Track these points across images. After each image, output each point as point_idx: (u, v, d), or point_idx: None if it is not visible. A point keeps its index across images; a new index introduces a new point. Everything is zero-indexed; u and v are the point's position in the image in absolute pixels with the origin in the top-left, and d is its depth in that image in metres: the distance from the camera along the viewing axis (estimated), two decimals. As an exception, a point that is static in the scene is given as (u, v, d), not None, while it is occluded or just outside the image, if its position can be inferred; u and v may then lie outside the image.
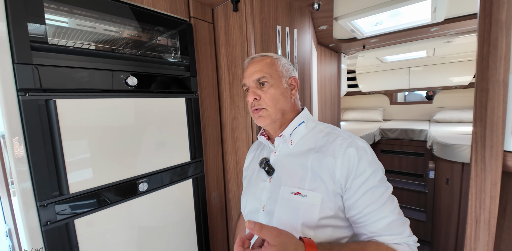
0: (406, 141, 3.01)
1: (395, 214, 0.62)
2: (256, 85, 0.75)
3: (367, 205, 0.62)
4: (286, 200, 0.69)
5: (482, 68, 0.51)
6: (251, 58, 0.81)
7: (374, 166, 0.65)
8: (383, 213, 0.62)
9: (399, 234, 0.61)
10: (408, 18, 1.71)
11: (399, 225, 0.62)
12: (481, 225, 0.56)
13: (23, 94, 0.66)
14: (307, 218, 0.64)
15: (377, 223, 0.62)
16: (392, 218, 0.62)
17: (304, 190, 0.67)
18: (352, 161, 0.64)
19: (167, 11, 1.02)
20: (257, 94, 0.74)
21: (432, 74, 3.33)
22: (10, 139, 0.65)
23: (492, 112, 0.51)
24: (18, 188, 0.67)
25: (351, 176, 0.63)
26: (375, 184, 0.63)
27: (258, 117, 0.76)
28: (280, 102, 0.75)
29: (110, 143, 0.85)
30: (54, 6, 0.75)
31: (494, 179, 0.53)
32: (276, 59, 0.79)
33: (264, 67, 0.75)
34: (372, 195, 0.62)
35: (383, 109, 4.18)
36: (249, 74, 0.77)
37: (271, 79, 0.74)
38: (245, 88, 0.79)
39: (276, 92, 0.74)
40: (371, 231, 0.63)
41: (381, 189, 0.63)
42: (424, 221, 2.41)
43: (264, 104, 0.74)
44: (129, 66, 0.90)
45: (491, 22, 0.48)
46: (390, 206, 0.63)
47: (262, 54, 0.81)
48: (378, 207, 0.62)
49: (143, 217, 0.97)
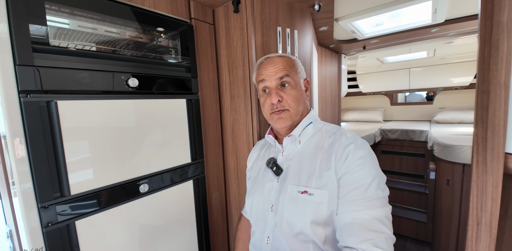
0: (407, 142, 3.01)
1: (380, 215, 0.58)
2: (277, 86, 0.74)
3: (354, 199, 0.61)
4: (294, 199, 0.69)
5: (483, 70, 0.51)
6: (267, 57, 0.80)
7: (370, 168, 0.64)
8: (365, 206, 0.59)
9: (371, 239, 0.55)
10: (408, 19, 1.71)
11: (375, 230, 0.56)
12: (483, 227, 0.56)
13: (25, 96, 0.67)
14: (316, 216, 0.64)
15: (350, 217, 0.59)
16: (374, 222, 0.57)
17: (311, 188, 0.67)
18: (350, 159, 0.65)
19: (168, 13, 1.02)
20: (280, 96, 0.73)
21: (432, 75, 3.33)
22: (11, 139, 0.65)
23: (493, 114, 0.51)
24: (19, 189, 0.67)
25: (347, 173, 0.64)
26: (368, 183, 0.61)
27: (278, 119, 0.75)
28: (301, 103, 0.75)
29: (111, 144, 0.85)
30: (55, 7, 0.76)
31: (496, 181, 0.53)
32: (294, 60, 0.79)
33: (287, 66, 0.75)
34: (362, 193, 0.61)
35: (383, 110, 4.18)
36: (271, 72, 0.74)
37: (292, 80, 0.74)
38: (263, 88, 0.77)
39: (297, 94, 0.74)
40: (342, 223, 0.61)
41: (376, 191, 0.61)
42: (425, 222, 2.40)
43: (287, 105, 0.73)
44: (130, 67, 0.90)
45: (492, 24, 0.48)
46: (378, 204, 0.59)
47: (279, 54, 0.80)
48: (363, 201, 0.59)
49: (144, 218, 0.97)
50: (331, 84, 2.42)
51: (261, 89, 0.79)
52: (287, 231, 0.69)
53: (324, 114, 2.24)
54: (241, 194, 1.24)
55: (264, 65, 0.78)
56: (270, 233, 0.74)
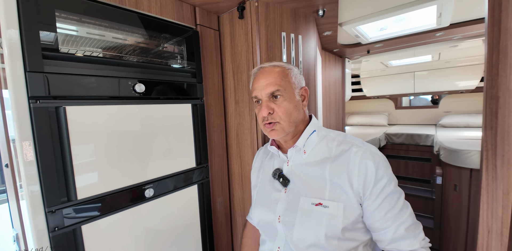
0: (412, 146, 2.98)
1: (412, 218, 0.65)
2: (269, 98, 0.72)
3: (387, 211, 0.63)
4: (308, 211, 0.68)
5: (492, 76, 0.51)
6: (260, 67, 0.77)
7: (390, 173, 0.66)
8: (401, 218, 0.64)
9: (415, 237, 0.63)
10: (413, 23, 1.71)
11: (415, 229, 0.64)
12: (493, 235, 0.55)
13: (34, 101, 0.68)
14: (330, 229, 0.64)
15: (397, 229, 0.63)
16: (410, 222, 0.64)
17: (325, 200, 0.66)
18: (369, 169, 0.64)
19: (174, 19, 1.03)
20: (270, 108, 0.71)
21: (437, 78, 3.30)
22: (20, 143, 0.66)
23: (502, 120, 0.51)
24: (27, 192, 0.68)
25: (370, 185, 0.64)
26: (392, 190, 0.64)
27: (271, 131, 0.73)
28: (294, 115, 0.72)
29: (118, 149, 0.85)
30: (65, 15, 0.77)
31: (506, 188, 0.52)
32: (288, 69, 0.74)
33: (277, 79, 0.71)
34: (390, 201, 0.64)
35: (388, 113, 4.15)
36: (261, 87, 0.72)
37: (285, 93, 0.71)
38: (255, 100, 0.76)
39: (290, 106, 0.71)
40: (393, 237, 0.64)
41: (397, 194, 0.65)
42: (432, 228, 2.36)
43: (278, 118, 0.71)
44: (137, 73, 0.91)
45: (500, 30, 0.48)
46: (407, 210, 0.65)
47: (273, 63, 0.76)
48: (396, 213, 0.64)
49: (149, 223, 0.96)
50: (335, 88, 2.42)
51: (254, 101, 0.77)
52: (298, 244, 0.68)
53: (328, 118, 2.24)
54: (246, 199, 1.23)
55: (256, 76, 0.76)
56: (281, 243, 0.72)
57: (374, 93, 3.95)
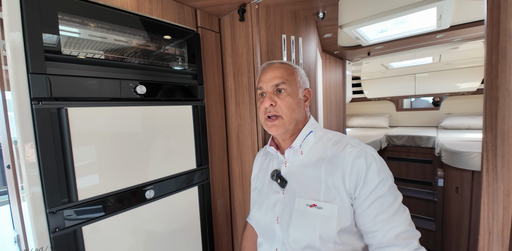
0: (414, 148, 2.97)
1: (405, 225, 0.61)
2: (273, 91, 0.74)
3: (376, 214, 0.61)
4: (302, 212, 0.68)
5: (491, 77, 0.51)
6: (269, 63, 0.80)
7: (383, 175, 0.64)
8: (393, 223, 0.61)
9: (405, 246, 0.59)
10: (413, 25, 1.71)
11: (408, 238, 0.60)
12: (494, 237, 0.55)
13: (37, 103, 0.68)
14: (325, 231, 0.63)
15: (386, 234, 0.61)
16: (402, 229, 0.60)
17: (319, 202, 0.66)
18: (360, 169, 0.63)
19: (175, 22, 1.04)
20: (273, 100, 0.72)
21: (438, 80, 3.30)
22: (22, 144, 0.67)
23: (502, 121, 0.51)
24: (28, 193, 0.68)
25: (359, 185, 0.63)
26: (384, 193, 0.62)
27: (272, 126, 0.74)
28: (296, 112, 0.74)
29: (119, 150, 0.86)
30: (67, 17, 0.78)
31: (507, 189, 0.51)
32: (295, 69, 0.78)
33: (284, 74, 0.74)
34: (381, 204, 0.62)
35: (389, 115, 4.14)
36: (268, 79, 0.75)
37: (289, 88, 0.73)
38: (260, 93, 0.78)
39: (293, 102, 0.73)
40: (380, 241, 0.61)
41: (391, 198, 0.62)
42: (434, 230, 2.34)
43: (280, 111, 0.72)
44: (138, 75, 0.92)
45: (499, 31, 0.48)
46: (401, 216, 0.62)
47: (282, 61, 0.80)
48: (388, 217, 0.61)
49: (149, 224, 0.96)
50: (336, 90, 2.42)
51: (258, 94, 0.79)
52: (294, 245, 0.67)
53: (329, 120, 2.24)
54: (246, 200, 1.23)
55: (264, 70, 0.79)
56: (279, 245, 0.72)
57: (375, 95, 3.94)
